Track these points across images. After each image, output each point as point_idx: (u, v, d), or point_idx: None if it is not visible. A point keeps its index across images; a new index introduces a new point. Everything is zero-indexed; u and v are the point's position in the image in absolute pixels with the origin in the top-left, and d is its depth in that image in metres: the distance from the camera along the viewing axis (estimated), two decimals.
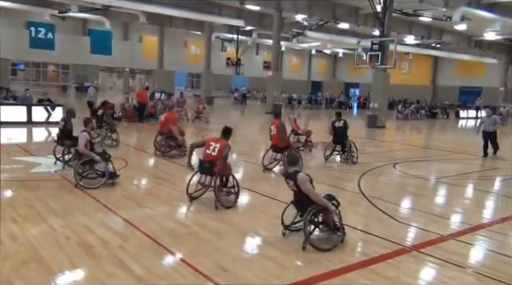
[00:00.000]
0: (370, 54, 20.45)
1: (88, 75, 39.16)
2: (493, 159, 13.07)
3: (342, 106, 37.76)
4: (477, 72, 41.25)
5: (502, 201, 8.37)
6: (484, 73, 41.06)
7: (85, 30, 39.77)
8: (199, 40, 42.00)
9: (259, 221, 6.15)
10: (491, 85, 39.98)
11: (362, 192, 8.02)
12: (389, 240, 5.51)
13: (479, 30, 31.42)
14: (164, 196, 7.19)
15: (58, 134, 9.37)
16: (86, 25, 39.25)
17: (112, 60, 40.84)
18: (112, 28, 37.00)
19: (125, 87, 41.58)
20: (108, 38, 39.94)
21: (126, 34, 42.44)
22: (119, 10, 30.18)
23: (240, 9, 29.24)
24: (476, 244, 5.68)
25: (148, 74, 43.08)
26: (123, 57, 40.97)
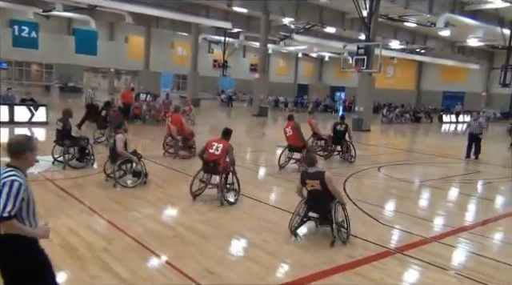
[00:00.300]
0: (355, 58, 20.66)
1: (72, 75, 38.69)
2: (475, 163, 13.34)
3: (328, 110, 38.02)
4: (460, 77, 42.03)
5: (483, 204, 8.55)
6: (467, 78, 41.85)
7: (69, 30, 39.29)
8: (186, 41, 41.86)
9: (245, 223, 6.17)
10: (474, 90, 40.77)
11: (347, 195, 8.08)
12: (373, 242, 5.58)
13: (462, 37, 32.06)
14: (150, 199, 7.15)
15: (56, 135, 9.38)
16: (71, 24, 38.77)
17: (97, 60, 40.42)
18: (97, 28, 36.63)
19: (110, 88, 41.15)
20: (93, 38, 39.51)
21: (112, 34, 42.06)
22: (105, 9, 29.90)
23: (227, 11, 29.27)
24: (458, 246, 5.79)
25: (134, 75, 42.74)
26: (108, 57, 40.59)
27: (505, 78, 22.90)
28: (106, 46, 40.76)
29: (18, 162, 2.86)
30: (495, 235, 6.45)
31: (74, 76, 39.02)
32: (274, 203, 7.47)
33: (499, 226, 6.87)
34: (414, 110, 34.83)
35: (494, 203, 8.67)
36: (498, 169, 12.93)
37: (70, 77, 38.43)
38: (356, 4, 19.51)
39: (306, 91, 52.39)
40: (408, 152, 16.04)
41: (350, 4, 20.74)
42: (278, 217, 6.49)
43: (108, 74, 42.91)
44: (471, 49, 37.43)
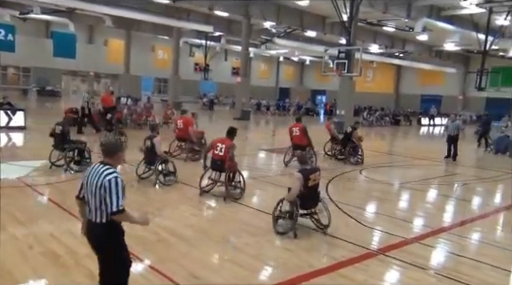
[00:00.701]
0: (336, 62, 20.90)
1: (50, 79, 37.97)
2: (452, 165, 13.68)
3: (309, 113, 38.33)
4: (437, 81, 42.95)
5: (460, 205, 8.77)
6: (444, 82, 42.81)
7: (47, 33, 38.57)
8: (167, 45, 41.55)
9: (228, 227, 6.19)
10: (451, 93, 41.73)
11: (330, 197, 8.18)
12: (356, 244, 5.67)
13: (439, 41, 32.81)
14: (132, 204, 7.06)
15: (55, 139, 9.43)
16: (49, 27, 38.09)
17: (76, 64, 39.68)
18: (76, 31, 36.01)
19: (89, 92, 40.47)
20: (72, 41, 38.77)
21: (91, 37, 41.48)
22: (84, 12, 29.48)
23: (209, 14, 29.24)
24: (437, 247, 5.93)
25: (114, 79, 42.21)
26: (88, 60, 39.95)
27: (480, 82, 23.52)
28: (85, 50, 40.12)
29: (111, 160, 3.34)
30: (472, 235, 6.63)
31: (52, 80, 38.29)
32: (257, 207, 7.50)
33: (476, 226, 7.07)
34: (394, 113, 35.44)
35: (470, 204, 8.91)
36: (474, 170, 13.31)
37: (48, 80, 37.69)
38: (336, 8, 19.77)
39: (287, 95, 52.70)
40: (388, 155, 16.31)
41: (330, 8, 21.01)
42: (261, 220, 6.53)
43: (87, 78, 42.26)
44: (448, 53, 38.34)
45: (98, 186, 3.20)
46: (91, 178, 3.26)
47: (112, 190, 3.14)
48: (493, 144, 17.11)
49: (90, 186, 3.27)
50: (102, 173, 3.21)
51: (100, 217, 3.24)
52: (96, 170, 3.27)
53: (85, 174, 3.39)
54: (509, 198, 9.53)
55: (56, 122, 9.75)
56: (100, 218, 3.24)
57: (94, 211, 3.25)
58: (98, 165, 3.31)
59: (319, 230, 6.09)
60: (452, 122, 14.89)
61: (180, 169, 9.37)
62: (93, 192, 3.23)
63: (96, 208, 3.23)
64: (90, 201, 3.28)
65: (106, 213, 3.20)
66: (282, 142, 15.88)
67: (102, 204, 3.20)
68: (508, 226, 7.49)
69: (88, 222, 3.34)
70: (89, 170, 3.37)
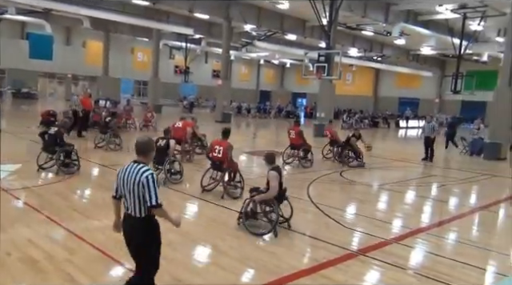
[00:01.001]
0: (316, 65, 21.12)
1: (26, 81, 37.12)
2: (429, 166, 13.98)
3: (290, 116, 38.52)
4: (414, 84, 43.86)
5: (437, 206, 8.96)
6: (421, 85, 43.75)
7: (23, 34, 37.73)
8: (146, 47, 41.22)
9: (211, 230, 6.17)
10: (427, 96, 42.66)
11: (311, 199, 8.26)
12: (337, 245, 5.73)
13: (416, 45, 33.53)
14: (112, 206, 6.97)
15: (45, 141, 9.46)
16: (25, 28, 37.26)
17: (53, 65, 39.00)
18: (53, 32, 35.32)
19: (66, 94, 39.79)
20: (49, 43, 38.11)
21: (69, 39, 40.76)
22: (61, 13, 28.98)
23: (189, 17, 29.14)
24: (416, 247, 6.05)
25: (92, 81, 41.59)
26: (65, 62, 39.28)
27: (455, 86, 24.16)
28: (62, 51, 39.45)
29: (144, 158, 3.57)
30: (450, 235, 6.79)
31: (28, 82, 37.45)
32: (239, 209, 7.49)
33: (453, 226, 7.24)
34: (372, 115, 35.96)
35: (447, 205, 9.12)
36: (451, 172, 13.63)
37: (24, 83, 36.84)
38: (316, 12, 19.99)
39: (268, 97, 52.90)
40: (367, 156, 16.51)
41: (310, 12, 21.23)
42: None
43: (64, 80, 41.50)
44: (424, 57, 39.20)
45: (135, 183, 3.42)
46: (128, 177, 3.49)
47: (150, 187, 3.40)
48: (468, 146, 17.55)
49: (127, 185, 3.48)
50: (139, 171, 3.44)
51: (139, 212, 3.47)
52: (132, 169, 3.49)
53: (119, 174, 3.58)
54: (484, 199, 9.81)
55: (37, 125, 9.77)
56: (140, 213, 3.48)
57: (133, 207, 3.49)
58: (133, 164, 3.53)
59: (301, 233, 6.14)
60: (428, 124, 15.29)
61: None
62: (131, 189, 3.46)
63: (135, 204, 3.47)
64: (128, 198, 3.50)
65: (144, 208, 3.45)
66: (263, 144, 15.94)
67: (140, 200, 3.43)
68: (483, 225, 7.71)
69: (128, 217, 3.56)
70: (123, 169, 3.56)
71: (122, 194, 3.59)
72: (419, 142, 15.09)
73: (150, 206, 3.41)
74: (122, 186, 3.56)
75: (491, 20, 22.53)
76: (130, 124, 18.68)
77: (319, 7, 20.01)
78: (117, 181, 3.63)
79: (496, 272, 5.38)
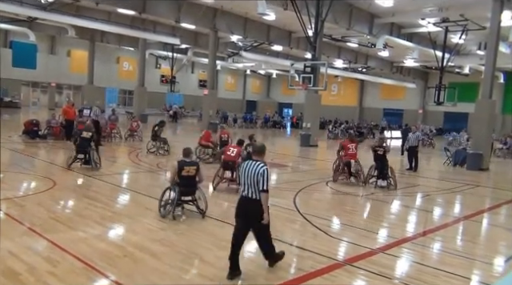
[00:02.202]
0: (302, 76, 21.28)
1: (8, 90, 36.52)
2: (414, 176, 14.14)
3: (276, 126, 38.68)
4: (398, 95, 44.52)
5: (422, 216, 9.06)
6: (405, 96, 44.43)
7: (6, 42, 37.22)
8: (132, 56, 41.09)
9: (197, 240, 6.12)
10: (411, 107, 43.32)
11: (298, 209, 8.27)
12: (324, 255, 5.74)
13: (400, 57, 34.14)
14: (96, 217, 6.89)
15: (81, 143, 11.08)
16: (8, 36, 36.77)
17: (36, 74, 38.48)
18: (37, 41, 34.96)
19: (50, 103, 39.25)
20: (32, 51, 37.66)
21: (53, 48, 40.31)
22: (45, 22, 28.69)
23: (175, 27, 29.18)
24: (402, 256, 6.09)
25: (76, 90, 41.15)
26: (49, 71, 38.78)
27: (438, 97, 24.56)
28: (46, 60, 38.99)
29: (260, 157, 4.98)
30: (434, 245, 6.85)
31: (11, 91, 36.84)
32: (225, 219, 7.46)
33: (438, 236, 7.31)
34: (358, 126, 36.29)
35: (432, 215, 9.22)
36: (435, 182, 13.81)
37: (7, 91, 36.24)
38: (302, 24, 20.21)
39: (254, 107, 53.03)
40: None
41: (296, 24, 21.46)
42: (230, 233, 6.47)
43: (48, 89, 40.94)
44: (408, 69, 39.91)
45: (255, 173, 4.76)
46: (249, 169, 4.83)
47: (264, 176, 4.75)
48: (451, 157, 17.83)
49: (248, 175, 4.81)
50: (258, 165, 4.82)
51: (255, 194, 4.80)
52: (251, 164, 4.87)
53: (240, 168, 5.02)
54: (467, 209, 9.95)
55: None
56: (255, 195, 4.80)
57: (251, 191, 4.82)
58: (251, 161, 4.92)
59: (288, 243, 6.14)
60: (413, 134, 15.55)
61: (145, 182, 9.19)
62: (251, 178, 4.79)
63: (253, 189, 4.80)
64: (247, 185, 4.83)
65: (257, 192, 4.77)
66: None
67: (256, 186, 4.76)
68: (467, 235, 7.81)
69: (245, 198, 4.87)
70: (244, 165, 4.96)
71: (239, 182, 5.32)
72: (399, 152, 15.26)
73: (261, 190, 4.73)
74: (243, 175, 4.89)
75: (472, 34, 23.08)
76: (115, 134, 18.49)
77: (305, 19, 20.24)
78: (240, 173, 5.06)
79: (479, 281, 5.44)
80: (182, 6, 23.66)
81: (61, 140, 16.50)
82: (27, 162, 12.17)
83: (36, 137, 16.37)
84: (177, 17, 23.97)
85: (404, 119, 42.93)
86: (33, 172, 10.71)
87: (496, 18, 16.55)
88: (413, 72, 41.00)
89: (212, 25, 25.89)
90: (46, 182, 9.06)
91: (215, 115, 29.09)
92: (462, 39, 23.46)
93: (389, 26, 25.16)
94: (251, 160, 4.95)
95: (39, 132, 16.67)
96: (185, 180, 7.08)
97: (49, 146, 15.41)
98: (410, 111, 43.17)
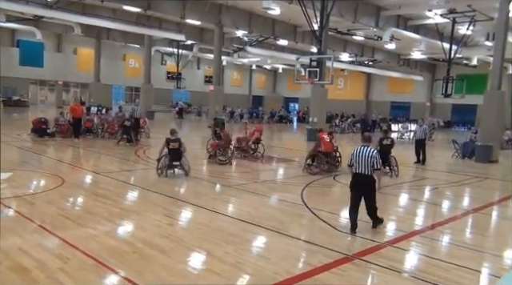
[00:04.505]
0: (308, 70, 21.15)
1: (17, 88, 36.81)
2: (422, 169, 14.05)
3: (283, 121, 38.61)
4: (406, 88, 44.17)
5: (431, 209, 9.01)
6: (412, 89, 44.06)
7: (13, 41, 37.45)
8: (138, 53, 41.13)
9: (205, 236, 6.13)
10: (419, 100, 42.96)
11: (305, 203, 8.26)
12: (332, 249, 5.73)
13: (407, 49, 33.80)
14: (105, 214, 6.94)
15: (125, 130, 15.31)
16: (15, 35, 37.00)
17: (44, 72, 38.73)
18: (44, 39, 35.14)
19: (58, 101, 39.51)
20: (39, 50, 37.87)
21: (60, 46, 40.51)
22: (52, 21, 28.80)
23: (181, 23, 29.14)
24: (411, 250, 6.07)
25: (83, 88, 41.35)
26: (56, 69, 39.02)
27: (446, 89, 24.31)
28: (53, 58, 39.20)
29: (368, 143, 6.69)
30: (443, 238, 6.81)
31: (19, 89, 37.13)
32: (233, 214, 7.49)
33: (447, 229, 7.26)
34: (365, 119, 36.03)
35: (441, 208, 9.17)
36: (443, 175, 13.72)
37: (15, 90, 36.54)
38: (307, 18, 20.08)
39: (260, 103, 52.92)
40: None
41: (301, 18, 21.33)
42: (238, 228, 6.52)
43: (55, 87, 41.21)
44: (415, 61, 39.50)
45: (368, 156, 6.40)
46: (362, 153, 6.44)
47: (376, 157, 6.43)
48: (459, 149, 17.67)
49: (362, 157, 6.42)
50: (369, 149, 6.49)
51: (369, 172, 6.43)
52: (363, 149, 6.49)
53: (355, 152, 6.53)
54: (476, 201, 9.88)
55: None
56: (370, 172, 6.44)
57: (366, 169, 6.43)
58: (362, 146, 6.54)
59: (296, 237, 6.14)
60: (420, 127, 15.42)
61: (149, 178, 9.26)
62: (365, 159, 6.41)
63: (367, 167, 6.41)
64: (362, 165, 6.43)
65: (371, 169, 6.41)
66: None
67: (369, 165, 6.39)
68: (476, 228, 7.75)
69: (360, 175, 6.48)
70: (358, 149, 6.52)
71: (352, 163, 6.53)
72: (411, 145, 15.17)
73: (375, 168, 6.43)
74: (357, 158, 6.45)
75: (480, 24, 22.78)
76: None
77: (310, 13, 20.11)
78: (352, 156, 6.54)
79: (490, 274, 5.40)
80: (186, 2, 23.61)
81: (69, 138, 16.60)
82: (36, 160, 12.28)
83: (44, 135, 16.48)
84: (182, 13, 23.93)
85: (411, 112, 42.66)
86: (42, 170, 10.81)
87: (504, 8, 16.32)
88: (420, 64, 40.60)
89: (217, 20, 25.82)
90: (54, 180, 9.13)
91: (222, 111, 29.07)
92: (469, 30, 23.16)
93: (395, 18, 24.88)
94: (362, 146, 6.53)
95: (47, 130, 16.78)
96: (171, 151, 10.10)
97: (57, 144, 15.52)
98: (418, 104, 42.84)
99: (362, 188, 6.52)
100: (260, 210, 7.83)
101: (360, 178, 6.49)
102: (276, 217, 7.30)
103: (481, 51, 29.83)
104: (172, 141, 10.16)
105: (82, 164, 12.46)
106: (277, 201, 8.89)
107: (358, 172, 6.49)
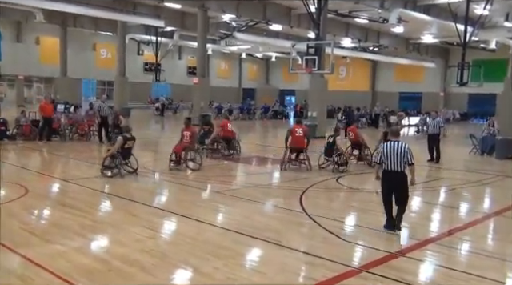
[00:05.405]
0: (305, 58, 21.24)
1: None
2: (436, 168, 14.13)
3: (278, 116, 38.63)
4: (416, 77, 44.46)
5: (447, 212, 9.06)
6: (423, 78, 44.36)
7: None
8: (110, 42, 40.90)
9: (191, 250, 6.10)
10: (431, 90, 43.28)
11: (305, 210, 8.26)
12: (336, 261, 5.72)
13: (416, 33, 33.98)
14: (76, 227, 6.87)
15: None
16: None
17: (1, 66, 38.36)
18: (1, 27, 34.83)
19: (18, 99, 39.19)
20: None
21: (20, 35, 40.16)
22: (9, 6, 28.51)
23: (158, 7, 29.06)
24: (425, 260, 6.08)
25: (48, 83, 41.08)
26: (16, 62, 38.57)
27: (461, 77, 24.40)
28: (12, 49, 38.76)
29: (397, 138, 7.12)
30: (463, 246, 6.85)
31: None
32: (223, 224, 7.46)
33: (466, 235, 7.30)
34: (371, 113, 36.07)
35: (458, 211, 9.22)
36: (461, 174, 13.80)
37: None
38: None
39: (252, 96, 52.93)
40: None
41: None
42: (229, 240, 6.50)
43: (16, 83, 40.85)
44: (426, 46, 39.79)
45: (401, 151, 6.81)
46: (395, 149, 6.84)
47: (410, 153, 6.87)
48: (478, 144, 17.80)
49: (395, 153, 6.82)
50: (401, 144, 6.89)
51: (402, 168, 6.86)
52: (394, 144, 6.89)
53: (385, 148, 6.95)
54: (498, 203, 9.94)
55: None
56: (402, 168, 6.87)
57: (399, 165, 6.84)
58: (395, 142, 6.95)
59: (295, 249, 6.14)
60: (433, 120, 15.41)
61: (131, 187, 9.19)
62: (398, 155, 6.81)
63: (400, 163, 6.83)
64: (394, 161, 6.83)
65: (402, 165, 6.84)
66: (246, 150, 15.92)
67: (403, 160, 6.81)
68: (499, 233, 7.81)
69: (391, 172, 6.90)
70: (389, 145, 6.94)
71: (382, 160, 6.95)
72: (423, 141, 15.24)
73: (409, 164, 6.86)
74: (389, 154, 6.85)
75: (498, 3, 22.96)
76: (95, 131, 18.43)
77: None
78: (382, 152, 7.00)
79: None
80: None
81: (32, 140, 16.45)
82: None
83: (3, 138, 16.33)
84: None
85: (423, 104, 42.89)
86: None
87: None
88: (431, 50, 40.87)
89: (200, 3, 25.78)
90: (16, 190, 9.03)
91: (208, 107, 29.03)
92: (486, 10, 23.34)
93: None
94: (393, 141, 6.95)
95: (7, 132, 16.63)
96: (126, 150, 10.74)
97: (18, 148, 15.39)
98: (430, 94, 43.14)
99: (394, 185, 6.91)
100: (253, 218, 7.82)
101: (393, 176, 6.89)
102: (271, 226, 7.30)
103: (500, 33, 30.06)
104: (129, 139, 10.81)
105: (48, 170, 12.35)
106: (272, 208, 8.89)
107: (389, 169, 6.90)
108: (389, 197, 7.00)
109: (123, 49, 33.85)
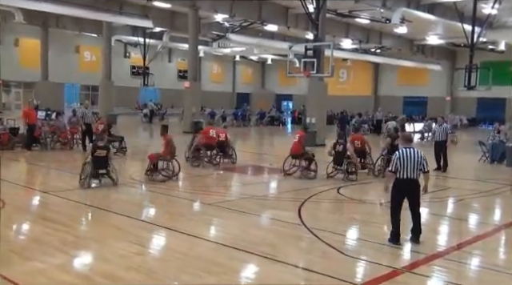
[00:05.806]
0: (303, 60, 21.27)
1: None
2: (443, 177, 14.15)
3: (275, 122, 38.67)
4: (421, 80, 44.71)
5: (456, 225, 9.05)
6: (428, 81, 44.60)
7: None
8: (95, 44, 40.92)
9: (181, 266, 6.07)
10: (437, 94, 43.50)
11: (304, 223, 8.24)
12: (336, 278, 5.70)
13: (421, 34, 34.21)
14: (57, 243, 6.83)
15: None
16: None
17: None
18: None
19: None
20: None
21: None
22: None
23: (146, 6, 29.09)
24: (433, 276, 6.08)
25: (28, 88, 40.95)
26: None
27: (469, 80, 24.46)
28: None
29: (410, 144, 7.40)
30: (471, 260, 6.85)
31: None
32: (216, 239, 7.44)
33: (475, 249, 7.30)
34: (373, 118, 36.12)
35: (467, 223, 9.22)
36: (469, 183, 13.82)
37: None
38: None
39: (247, 101, 52.94)
40: None
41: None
42: (222, 255, 6.47)
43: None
44: (431, 48, 40.02)
45: (418, 158, 7.01)
46: (411, 156, 6.99)
47: (425, 160, 7.13)
48: (487, 152, 17.86)
49: (409, 160, 6.97)
50: (416, 151, 7.09)
51: (417, 175, 7.08)
52: (411, 151, 7.05)
53: (401, 156, 7.01)
54: (509, 215, 9.98)
55: None
56: (417, 176, 7.09)
57: (414, 172, 7.02)
58: (410, 148, 7.13)
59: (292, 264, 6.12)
60: (440, 126, 15.45)
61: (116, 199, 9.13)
62: (415, 162, 6.98)
63: (416, 171, 7.03)
64: (410, 168, 6.98)
65: (417, 173, 7.05)
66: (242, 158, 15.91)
67: (418, 168, 7.02)
68: (510, 246, 7.82)
69: (407, 180, 7.00)
70: (404, 152, 7.07)
71: (397, 168, 7.00)
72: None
73: (424, 171, 7.15)
74: (404, 162, 6.96)
75: (507, 1, 23.15)
76: (78, 139, 18.37)
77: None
78: (397, 160, 7.01)
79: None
80: None
81: (10, 150, 16.35)
82: None
83: None
84: None
85: (429, 109, 43.06)
86: None
87: None
88: (437, 51, 41.12)
89: (191, 2, 25.86)
90: None
91: (200, 113, 29.03)
92: (494, 9, 23.53)
93: None
94: (407, 148, 7.14)
95: None
96: (97, 159, 10.65)
97: None
98: (436, 99, 43.36)
99: (408, 194, 7.10)
100: (249, 232, 7.79)
101: (408, 184, 7.05)
102: (268, 240, 7.27)
103: (509, 33, 30.29)
104: (100, 148, 10.85)
105: (27, 182, 12.29)
106: (269, 220, 8.87)
107: (405, 177, 7.01)
108: (399, 208, 7.09)
109: (109, 51, 33.85)
